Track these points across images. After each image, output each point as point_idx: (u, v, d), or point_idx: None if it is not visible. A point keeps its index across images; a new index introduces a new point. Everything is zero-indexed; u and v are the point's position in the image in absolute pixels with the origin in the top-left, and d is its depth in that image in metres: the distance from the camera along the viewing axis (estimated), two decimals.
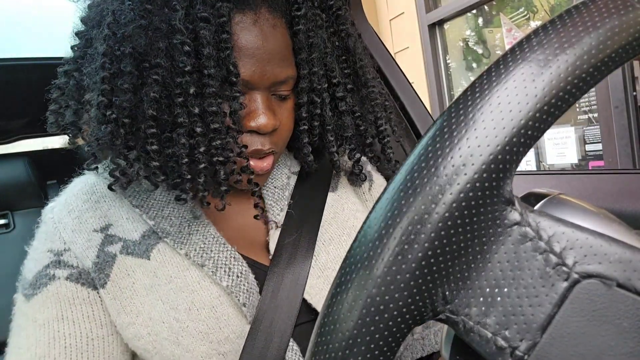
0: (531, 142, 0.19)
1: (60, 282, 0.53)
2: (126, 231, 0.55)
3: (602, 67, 0.19)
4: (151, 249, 0.54)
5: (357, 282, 0.19)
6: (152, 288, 0.52)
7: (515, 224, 0.20)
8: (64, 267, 0.53)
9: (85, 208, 0.57)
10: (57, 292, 0.52)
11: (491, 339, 0.19)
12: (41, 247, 0.55)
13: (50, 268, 0.53)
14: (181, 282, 0.52)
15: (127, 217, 0.56)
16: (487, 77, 0.20)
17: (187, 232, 0.55)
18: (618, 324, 0.18)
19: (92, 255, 0.54)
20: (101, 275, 0.53)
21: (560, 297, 0.19)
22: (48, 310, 0.52)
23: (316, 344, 0.19)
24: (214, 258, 0.54)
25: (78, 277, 0.53)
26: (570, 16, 0.20)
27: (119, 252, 0.54)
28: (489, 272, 0.19)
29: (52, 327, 0.51)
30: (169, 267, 0.53)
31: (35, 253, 0.56)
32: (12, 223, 1.06)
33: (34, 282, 0.53)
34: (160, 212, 0.56)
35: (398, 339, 0.19)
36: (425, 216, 0.18)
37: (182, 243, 0.54)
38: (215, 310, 0.51)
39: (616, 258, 0.18)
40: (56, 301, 0.52)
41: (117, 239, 0.55)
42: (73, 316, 0.52)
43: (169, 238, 0.54)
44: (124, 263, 0.53)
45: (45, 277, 0.53)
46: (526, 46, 0.20)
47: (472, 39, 2.97)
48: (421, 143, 0.20)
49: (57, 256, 0.54)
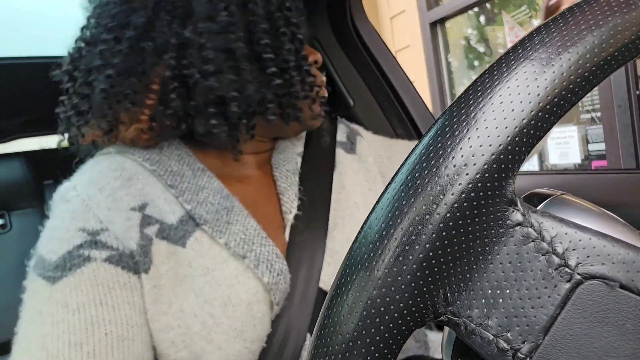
0: (534, 141, 0.19)
1: (97, 263, 0.48)
2: (163, 213, 0.51)
3: (605, 65, 0.19)
4: (188, 237, 0.51)
5: (357, 284, 0.19)
6: (186, 279, 0.49)
7: (518, 224, 0.19)
8: (102, 248, 0.48)
9: (117, 185, 0.52)
10: (94, 275, 0.47)
11: (493, 341, 0.19)
12: (68, 226, 0.50)
13: (84, 248, 0.48)
14: (218, 275, 0.49)
15: (163, 198, 0.52)
16: (488, 75, 0.20)
17: (225, 220, 0.52)
18: (621, 326, 0.18)
19: (136, 237, 0.49)
20: (146, 260, 0.49)
21: (562, 299, 0.18)
22: (83, 294, 0.47)
23: (316, 346, 0.19)
24: (256, 251, 0.51)
25: (119, 259, 0.48)
26: (573, 14, 0.19)
27: (155, 236, 0.50)
28: (491, 273, 0.19)
29: (89, 312, 0.46)
30: (206, 258, 0.50)
31: (59, 232, 0.50)
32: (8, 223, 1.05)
33: (61, 263, 0.48)
34: (195, 197, 0.53)
35: (399, 341, 0.19)
36: (426, 216, 0.18)
37: (221, 232, 0.51)
38: (251, 308, 0.49)
39: (619, 259, 0.18)
40: (93, 284, 0.47)
41: (154, 220, 0.51)
42: (113, 301, 0.47)
43: (207, 225, 0.51)
44: (159, 248, 0.50)
45: (79, 258, 0.48)
46: (528, 44, 0.20)
47: (474, 37, 2.96)
48: (422, 142, 0.20)
49: (92, 236, 0.49)
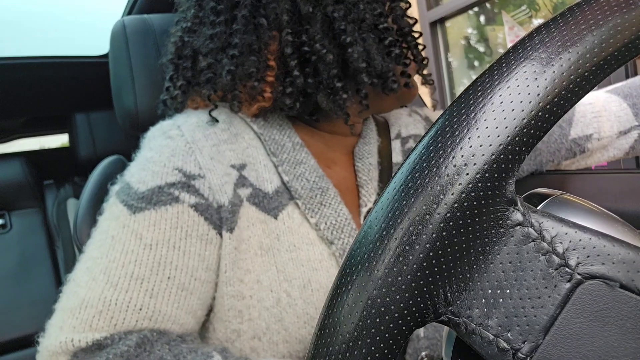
0: (534, 141, 0.19)
1: (184, 207, 0.47)
2: (260, 179, 0.51)
3: (605, 65, 0.19)
4: (281, 209, 0.50)
5: (357, 284, 0.19)
6: (270, 251, 0.48)
7: (518, 224, 0.19)
8: (193, 194, 0.47)
9: (223, 138, 0.52)
10: (177, 216, 0.46)
11: (493, 341, 0.19)
12: (165, 161, 0.49)
13: (176, 188, 0.47)
14: (303, 255, 0.48)
15: (264, 164, 0.52)
16: (489, 75, 0.20)
17: (318, 201, 0.51)
18: (621, 325, 0.18)
19: (230, 193, 0.48)
20: (233, 219, 0.48)
21: (563, 298, 0.18)
22: (160, 232, 0.46)
23: (316, 346, 0.19)
24: (344, 240, 0.50)
25: (205, 209, 0.47)
26: (573, 14, 0.19)
27: (246, 199, 0.49)
28: (491, 273, 0.19)
29: (160, 250, 0.45)
30: (295, 235, 0.49)
31: (154, 165, 0.49)
32: (8, 223, 1.06)
33: (149, 195, 0.47)
34: (292, 170, 0.52)
35: (399, 340, 0.19)
36: (426, 216, 0.18)
37: (314, 211, 0.50)
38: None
39: (619, 259, 0.18)
40: (173, 226, 0.46)
41: (249, 183, 0.50)
42: (185, 248, 0.46)
43: (301, 201, 0.50)
44: (248, 212, 0.49)
45: (167, 196, 0.47)
46: (528, 44, 0.20)
47: (474, 37, 2.96)
48: (422, 142, 0.20)
49: (188, 179, 0.48)
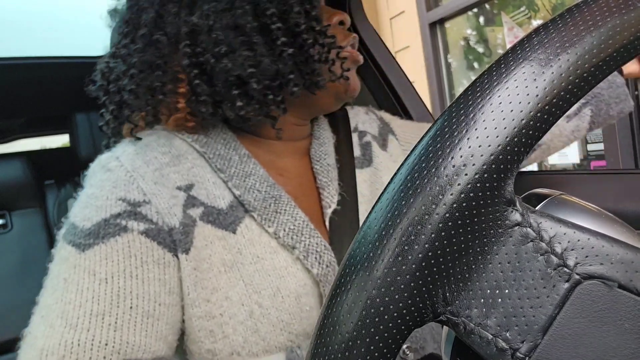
0: (532, 142, 0.19)
1: (133, 235, 0.46)
2: (211, 197, 0.50)
3: (603, 66, 0.19)
4: (238, 223, 0.50)
5: (356, 284, 0.19)
6: (234, 266, 0.48)
7: (516, 224, 0.19)
8: (141, 220, 0.47)
9: (165, 161, 0.51)
10: (128, 245, 0.45)
11: (492, 341, 0.19)
12: (107, 194, 0.48)
13: (123, 218, 0.46)
14: (268, 264, 0.48)
15: (213, 181, 0.51)
16: (488, 76, 0.20)
17: (273, 209, 0.51)
18: (619, 326, 0.18)
19: (179, 214, 0.48)
20: (187, 240, 0.47)
21: (561, 299, 0.19)
22: (114, 264, 0.44)
23: (316, 345, 0.19)
24: (305, 242, 0.50)
25: (156, 234, 0.47)
26: (572, 15, 0.19)
27: (199, 218, 0.49)
28: (490, 273, 0.19)
29: (117, 282, 0.44)
30: (256, 246, 0.49)
31: (96, 200, 0.48)
32: (9, 223, 1.05)
33: (95, 230, 0.46)
34: (242, 183, 0.52)
35: (398, 340, 0.19)
36: (425, 217, 0.18)
37: (270, 220, 0.50)
38: (299, 300, 0.48)
39: (618, 259, 0.18)
40: (126, 255, 0.45)
41: (199, 202, 0.49)
42: (143, 275, 0.45)
43: (256, 213, 0.50)
44: (203, 231, 0.48)
45: (115, 227, 0.45)
46: (527, 45, 0.20)
47: (473, 37, 2.96)
48: (421, 143, 0.20)
49: (133, 207, 0.47)
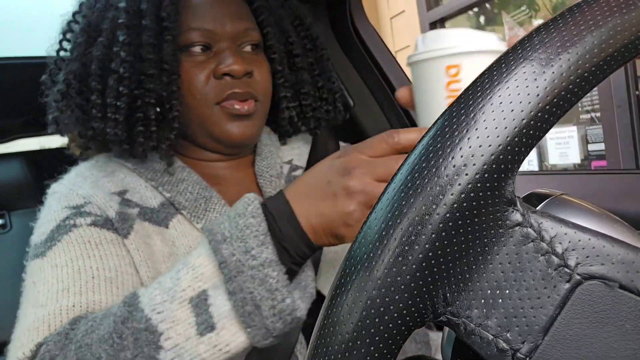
0: (533, 141, 0.19)
1: (83, 228, 0.51)
2: (144, 198, 0.55)
3: (604, 66, 0.19)
4: (170, 219, 0.54)
5: (357, 284, 0.19)
6: (171, 256, 0.52)
7: (517, 224, 0.19)
8: (87, 216, 0.52)
9: (100, 175, 0.57)
10: (81, 236, 0.50)
11: (492, 341, 0.19)
12: (55, 208, 0.53)
13: (70, 219, 0.51)
14: None
15: (145, 186, 0.57)
16: (488, 75, 0.20)
17: (203, 208, 0.56)
18: (620, 326, 0.18)
19: (116, 208, 0.53)
20: (124, 226, 0.52)
21: (562, 299, 0.18)
22: (72, 252, 0.49)
23: (316, 346, 0.19)
24: None
25: (103, 223, 0.52)
26: (572, 14, 0.19)
27: (137, 216, 0.53)
28: (490, 274, 0.19)
29: (77, 263, 0.48)
30: (189, 237, 0.53)
31: (46, 216, 0.54)
32: (8, 223, 1.05)
33: (50, 236, 0.50)
34: (175, 188, 0.57)
35: (398, 341, 0.19)
36: (425, 217, 0.18)
37: (199, 218, 0.55)
38: None
39: (619, 259, 0.18)
40: (80, 243, 0.50)
41: (134, 204, 0.55)
42: (100, 253, 0.49)
43: (186, 211, 0.55)
44: (143, 227, 0.53)
45: (65, 227, 0.50)
46: (528, 45, 0.20)
47: None
48: (422, 142, 0.20)
49: (77, 209, 0.52)
